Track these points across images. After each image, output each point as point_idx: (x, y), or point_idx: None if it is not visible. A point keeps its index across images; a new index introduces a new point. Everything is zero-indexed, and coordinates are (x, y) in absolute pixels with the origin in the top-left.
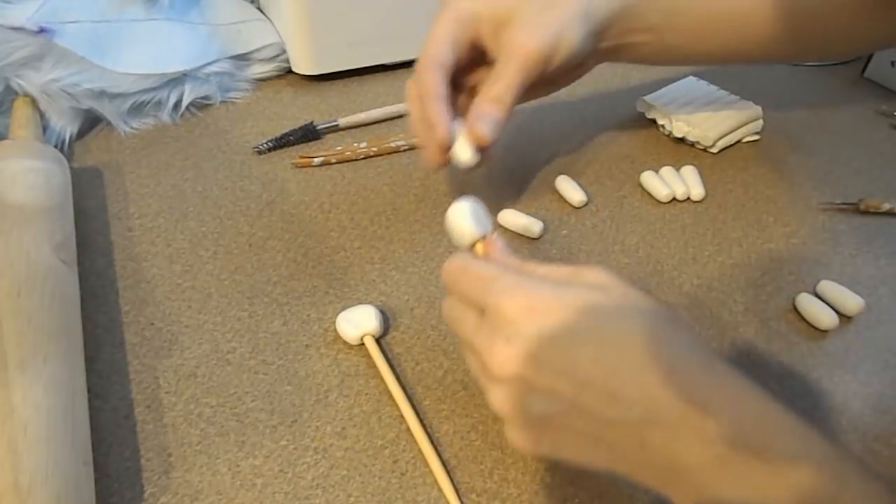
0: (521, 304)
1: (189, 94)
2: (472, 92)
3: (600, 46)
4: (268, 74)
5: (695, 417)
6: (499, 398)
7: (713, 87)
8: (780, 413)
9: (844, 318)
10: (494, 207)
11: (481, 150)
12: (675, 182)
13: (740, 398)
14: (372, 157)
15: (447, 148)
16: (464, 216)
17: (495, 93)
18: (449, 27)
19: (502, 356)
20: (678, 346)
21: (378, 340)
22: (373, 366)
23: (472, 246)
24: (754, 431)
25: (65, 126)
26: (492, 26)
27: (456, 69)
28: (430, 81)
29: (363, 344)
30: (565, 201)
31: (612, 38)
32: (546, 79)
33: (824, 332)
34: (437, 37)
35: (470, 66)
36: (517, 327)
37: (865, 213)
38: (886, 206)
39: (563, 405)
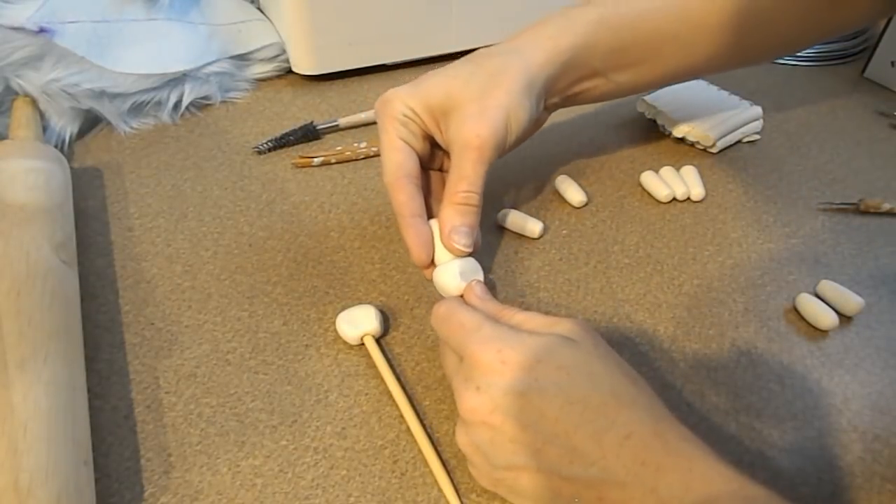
0: (494, 357)
1: (189, 94)
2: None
3: (550, 102)
4: (268, 74)
5: (649, 479)
6: (463, 439)
7: (713, 88)
8: (728, 475)
9: (844, 318)
10: (494, 207)
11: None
12: (675, 182)
13: (690, 460)
14: (372, 157)
15: (430, 263)
16: (451, 277)
17: (461, 197)
18: (395, 132)
19: (472, 402)
20: (638, 408)
21: (378, 340)
22: (373, 366)
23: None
24: (702, 491)
25: (65, 126)
26: (433, 120)
27: (421, 161)
28: (400, 199)
29: (363, 344)
30: (565, 201)
31: (559, 92)
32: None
33: (824, 332)
34: (390, 146)
35: (432, 150)
36: (488, 378)
37: (865, 213)
38: (886, 206)
39: (524, 458)
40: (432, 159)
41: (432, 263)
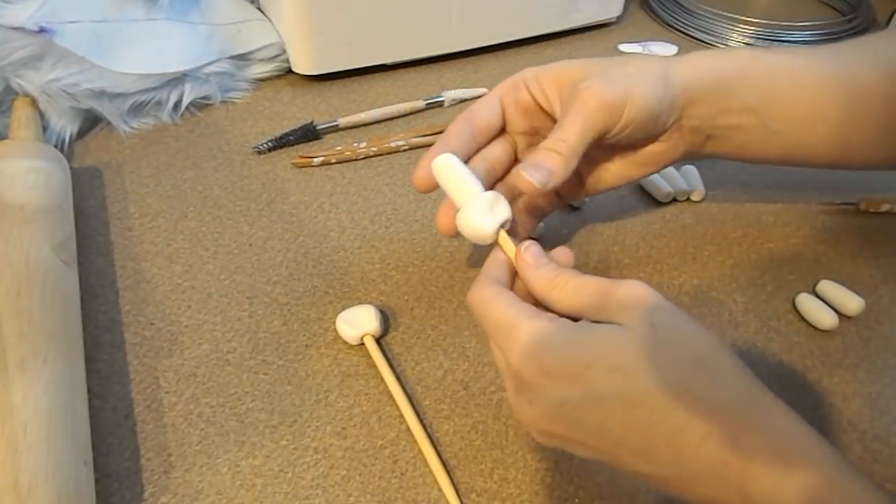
0: (537, 370)
1: (189, 94)
2: None
3: (687, 123)
4: (268, 74)
5: (735, 478)
6: (539, 440)
7: None
8: (834, 469)
9: (844, 318)
10: None
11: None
12: (675, 182)
13: (785, 453)
14: (372, 157)
15: (426, 184)
16: (476, 215)
17: (558, 143)
18: (499, 92)
19: (528, 415)
20: (718, 395)
21: (378, 340)
22: (373, 366)
23: (496, 242)
24: (799, 493)
25: (65, 126)
26: (555, 87)
27: (511, 133)
28: (449, 131)
29: (363, 344)
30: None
31: (702, 116)
32: (624, 146)
33: (824, 332)
34: (482, 100)
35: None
36: (538, 393)
37: (865, 213)
38: (886, 206)
39: (600, 457)
40: (531, 141)
41: (451, 227)
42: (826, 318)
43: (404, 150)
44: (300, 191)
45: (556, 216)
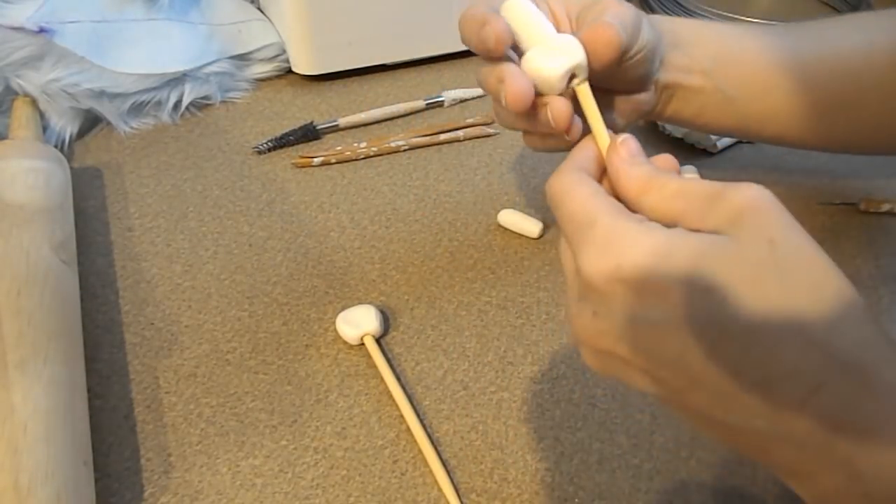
0: (612, 277)
1: (189, 94)
2: None
3: (661, 78)
4: (268, 74)
5: (843, 450)
6: (591, 363)
7: None
8: None
9: None
10: (494, 208)
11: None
12: None
13: None
14: (372, 157)
15: (502, 44)
16: (544, 55)
17: (613, 11)
18: None
19: (587, 331)
20: (837, 343)
21: (378, 340)
22: (373, 366)
23: (568, 88)
24: None
25: (65, 126)
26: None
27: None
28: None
29: (363, 344)
30: None
31: (670, 70)
32: (616, 88)
33: None
34: None
35: None
36: (608, 304)
37: (865, 212)
38: (886, 206)
39: (663, 391)
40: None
41: (527, 98)
42: None
43: (404, 150)
44: (300, 191)
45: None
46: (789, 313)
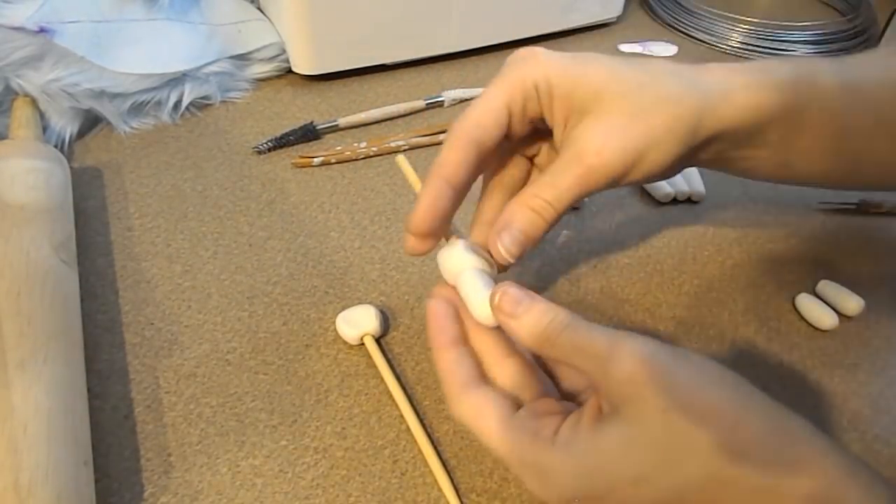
0: (559, 499)
1: (189, 94)
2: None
3: (698, 157)
4: (268, 74)
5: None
6: None
7: None
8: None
9: (844, 318)
10: None
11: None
12: (675, 182)
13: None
14: (372, 157)
15: (423, 235)
16: (473, 283)
17: (538, 204)
18: (508, 94)
19: None
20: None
21: (378, 340)
22: (373, 366)
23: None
24: None
25: (65, 126)
26: (564, 107)
27: (507, 144)
28: (448, 157)
29: (363, 344)
30: None
31: (717, 151)
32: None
33: (824, 332)
34: (488, 103)
35: (529, 138)
36: None
37: (865, 213)
38: (886, 206)
39: None
40: (525, 146)
41: (423, 250)
42: (826, 318)
43: (404, 150)
44: (300, 191)
45: None
46: (706, 467)
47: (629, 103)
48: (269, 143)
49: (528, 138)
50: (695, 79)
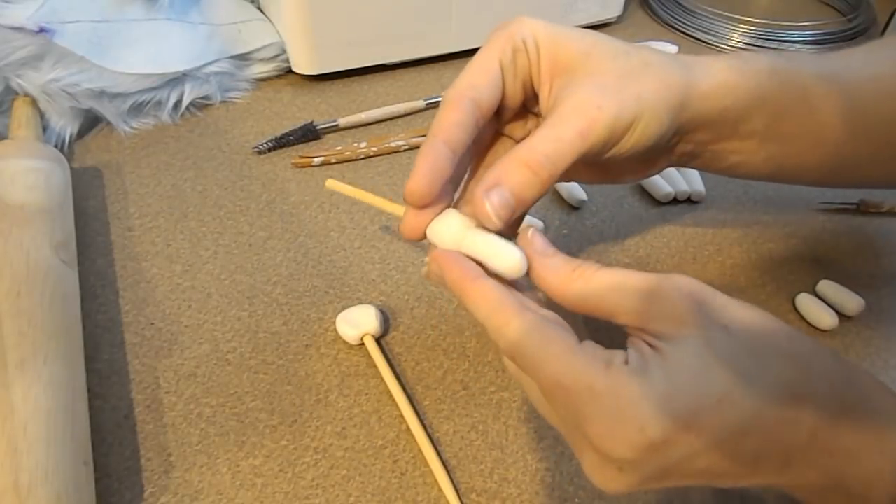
0: (632, 444)
1: (189, 94)
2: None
3: (681, 148)
4: (268, 74)
5: (836, 469)
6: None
7: None
8: None
9: (844, 318)
10: None
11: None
12: (675, 182)
13: (880, 437)
14: (372, 157)
15: (422, 206)
16: (488, 236)
17: (536, 159)
18: (499, 52)
19: (619, 483)
20: (817, 387)
21: (378, 340)
22: (373, 366)
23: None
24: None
25: (65, 126)
26: (550, 70)
27: (502, 115)
28: (447, 117)
29: (363, 344)
30: (565, 201)
31: (700, 141)
32: (601, 164)
33: (824, 332)
34: (481, 64)
35: (518, 117)
36: (632, 464)
37: (865, 213)
38: (886, 206)
39: (696, 483)
40: (513, 127)
41: (420, 232)
42: (826, 318)
43: (404, 150)
44: (300, 191)
45: (555, 216)
46: (770, 387)
47: (618, 66)
48: (269, 143)
49: (516, 117)
50: (678, 58)
